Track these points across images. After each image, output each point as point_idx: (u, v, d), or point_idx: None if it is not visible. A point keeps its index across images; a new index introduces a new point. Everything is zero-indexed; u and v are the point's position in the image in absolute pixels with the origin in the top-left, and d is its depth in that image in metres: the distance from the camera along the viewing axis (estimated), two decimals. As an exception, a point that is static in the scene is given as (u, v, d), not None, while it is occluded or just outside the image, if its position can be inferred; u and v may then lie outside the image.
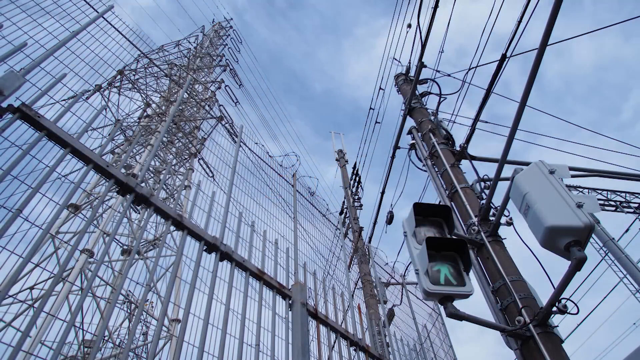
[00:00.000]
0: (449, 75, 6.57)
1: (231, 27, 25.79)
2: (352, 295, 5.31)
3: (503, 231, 4.09)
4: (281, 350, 2.86)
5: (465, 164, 5.14)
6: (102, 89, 11.39)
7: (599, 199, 11.19)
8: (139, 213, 11.15)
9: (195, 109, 15.85)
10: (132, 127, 13.03)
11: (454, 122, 5.94)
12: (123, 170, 2.44)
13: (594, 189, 11.21)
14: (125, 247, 10.49)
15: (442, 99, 6.21)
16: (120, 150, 11.55)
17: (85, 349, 7.92)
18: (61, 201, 2.20)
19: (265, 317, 2.89)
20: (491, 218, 4.15)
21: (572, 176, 4.47)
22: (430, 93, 6.69)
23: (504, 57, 4.81)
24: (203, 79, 18.06)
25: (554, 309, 3.04)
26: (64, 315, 7.58)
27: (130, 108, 13.62)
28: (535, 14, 4.37)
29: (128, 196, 2.46)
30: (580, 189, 10.70)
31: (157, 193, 2.58)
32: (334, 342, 3.45)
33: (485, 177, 4.78)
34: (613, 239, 8.11)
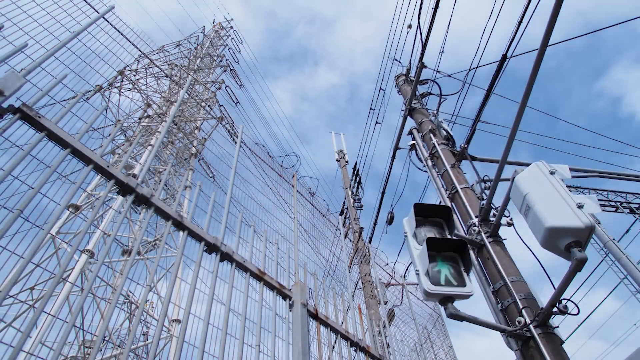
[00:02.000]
0: (449, 75, 6.57)
1: (231, 27, 25.81)
2: (353, 296, 5.31)
3: (503, 232, 4.09)
4: (282, 350, 2.86)
5: (465, 165, 5.14)
6: (102, 90, 11.40)
7: (599, 200, 11.16)
8: (140, 213, 11.16)
9: (195, 109, 15.86)
10: (133, 127, 13.04)
11: (455, 122, 5.94)
12: (123, 171, 2.44)
13: (594, 190, 11.19)
14: (125, 247, 10.50)
15: (442, 100, 6.21)
16: (121, 150, 11.56)
17: (86, 350, 7.92)
18: (62, 202, 2.21)
19: (265, 318, 2.89)
20: (491, 219, 4.14)
21: (573, 176, 4.47)
22: (430, 94, 6.69)
23: (504, 58, 4.81)
24: (203, 80, 18.07)
25: (555, 309, 3.04)
26: (64, 315, 7.59)
27: (131, 108, 13.65)
28: (536, 14, 4.37)
29: (128, 196, 2.46)
30: (581, 190, 10.69)
31: (157, 193, 2.58)
32: (335, 343, 3.45)
33: (486, 177, 4.77)
34: (613, 239, 8.10)
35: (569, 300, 3.00)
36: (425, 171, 5.65)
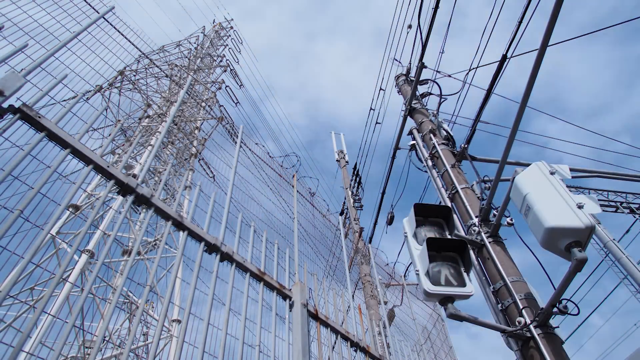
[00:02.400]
0: (449, 75, 6.57)
1: (232, 27, 25.81)
2: (353, 296, 5.31)
3: (503, 232, 4.09)
4: (282, 351, 2.86)
5: (465, 165, 5.14)
6: (102, 90, 11.40)
7: (599, 200, 11.17)
8: (140, 213, 11.16)
9: (195, 109, 15.86)
10: (133, 127, 13.04)
11: (455, 122, 5.94)
12: (123, 171, 2.44)
13: (594, 190, 11.20)
14: (125, 247, 10.50)
15: (442, 100, 6.21)
16: (121, 150, 11.55)
17: (86, 350, 7.92)
18: (62, 202, 2.21)
19: (265, 318, 2.89)
20: (492, 219, 4.15)
21: (573, 177, 4.47)
22: (430, 94, 6.69)
23: (504, 58, 4.81)
24: (203, 80, 18.07)
25: (555, 309, 3.04)
26: (64, 315, 7.59)
27: (131, 108, 13.65)
28: (536, 14, 4.38)
29: (129, 197, 2.46)
30: (581, 190, 10.70)
31: (157, 194, 2.58)
32: (335, 343, 3.45)
33: (486, 177, 4.77)
34: (614, 239, 8.10)
35: (569, 300, 3.00)
36: (426, 171, 5.65)
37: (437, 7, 5.55)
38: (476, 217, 4.27)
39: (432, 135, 5.66)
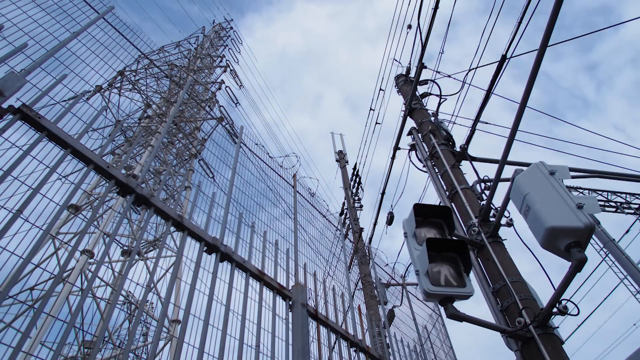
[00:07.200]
0: (449, 76, 6.57)
1: (231, 27, 25.82)
2: (352, 296, 5.31)
3: (503, 232, 4.09)
4: (281, 351, 2.86)
5: (465, 165, 5.14)
6: (102, 90, 11.39)
7: (599, 200, 11.18)
8: (139, 214, 11.16)
9: (195, 109, 15.86)
10: (133, 128, 13.03)
11: (454, 122, 5.94)
12: (123, 171, 2.44)
13: (594, 190, 11.20)
14: (125, 247, 10.50)
15: (442, 100, 6.21)
16: (121, 151, 11.55)
17: (86, 350, 7.91)
18: (61, 202, 2.20)
19: (265, 318, 2.89)
20: (491, 219, 4.14)
21: (573, 177, 4.47)
22: (430, 94, 6.69)
23: (503, 58, 4.81)
24: (203, 80, 18.07)
25: (555, 310, 3.04)
26: (64, 316, 7.59)
27: (131, 109, 13.64)
28: (536, 14, 4.38)
29: (128, 197, 2.46)
30: (581, 190, 10.71)
31: (157, 194, 2.58)
32: (334, 343, 3.44)
33: (486, 178, 4.77)
34: (613, 240, 8.10)
35: (568, 300, 3.00)
36: (425, 171, 5.65)
37: (436, 7, 5.55)
38: (476, 217, 4.27)
39: (432, 135, 5.66)
